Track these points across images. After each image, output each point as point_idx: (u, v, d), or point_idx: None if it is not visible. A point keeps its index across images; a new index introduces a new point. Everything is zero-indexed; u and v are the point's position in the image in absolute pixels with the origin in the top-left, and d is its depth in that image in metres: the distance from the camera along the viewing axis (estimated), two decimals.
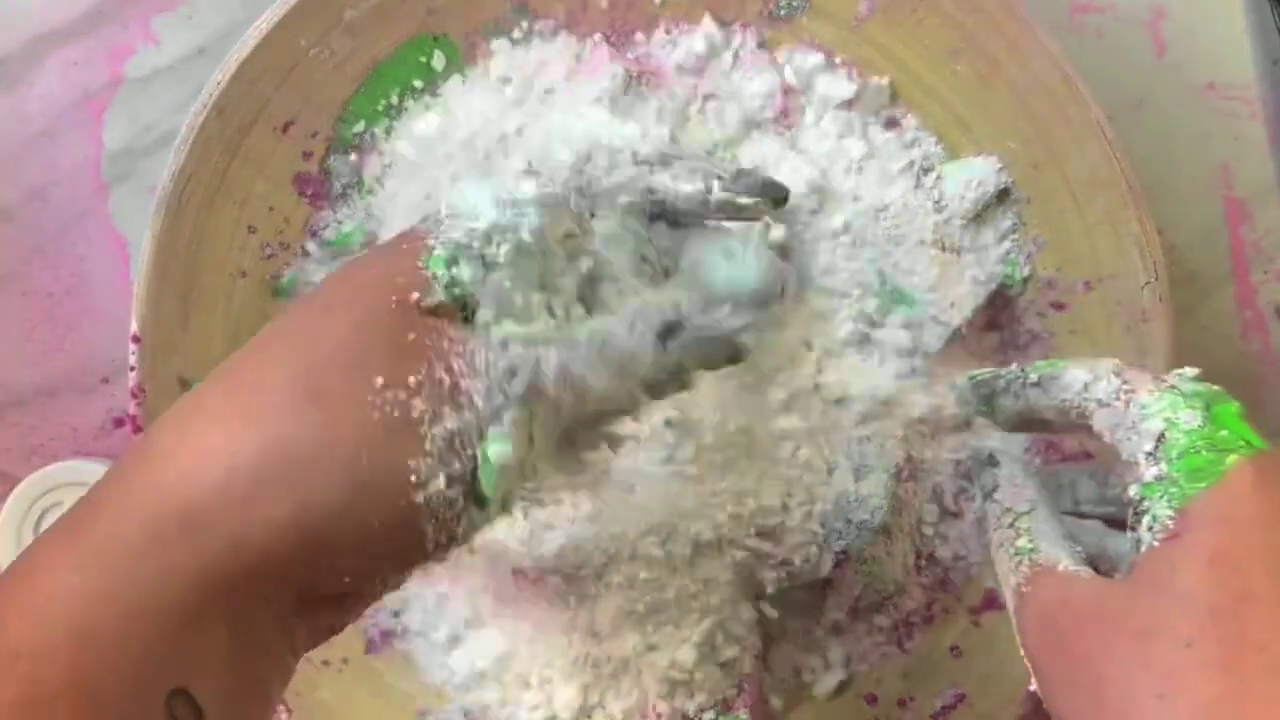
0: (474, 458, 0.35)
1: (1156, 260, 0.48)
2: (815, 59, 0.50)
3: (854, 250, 0.49)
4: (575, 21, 0.50)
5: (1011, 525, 0.40)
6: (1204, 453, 0.34)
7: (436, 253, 0.36)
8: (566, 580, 0.49)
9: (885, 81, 0.50)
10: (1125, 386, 0.38)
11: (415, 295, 0.34)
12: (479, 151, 0.49)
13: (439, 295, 0.35)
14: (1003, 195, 0.50)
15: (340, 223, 0.51)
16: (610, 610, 0.48)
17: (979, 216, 0.50)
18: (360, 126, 0.50)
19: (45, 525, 0.51)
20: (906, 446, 0.49)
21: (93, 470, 0.52)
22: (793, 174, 0.49)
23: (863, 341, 0.49)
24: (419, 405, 0.33)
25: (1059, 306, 0.51)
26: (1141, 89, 0.56)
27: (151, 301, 0.48)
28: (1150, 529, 0.35)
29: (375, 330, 0.34)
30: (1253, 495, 0.34)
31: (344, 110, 0.50)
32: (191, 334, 0.49)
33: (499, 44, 0.50)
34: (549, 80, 0.50)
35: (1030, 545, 0.39)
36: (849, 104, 0.50)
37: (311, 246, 0.50)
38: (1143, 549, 0.35)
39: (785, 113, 0.50)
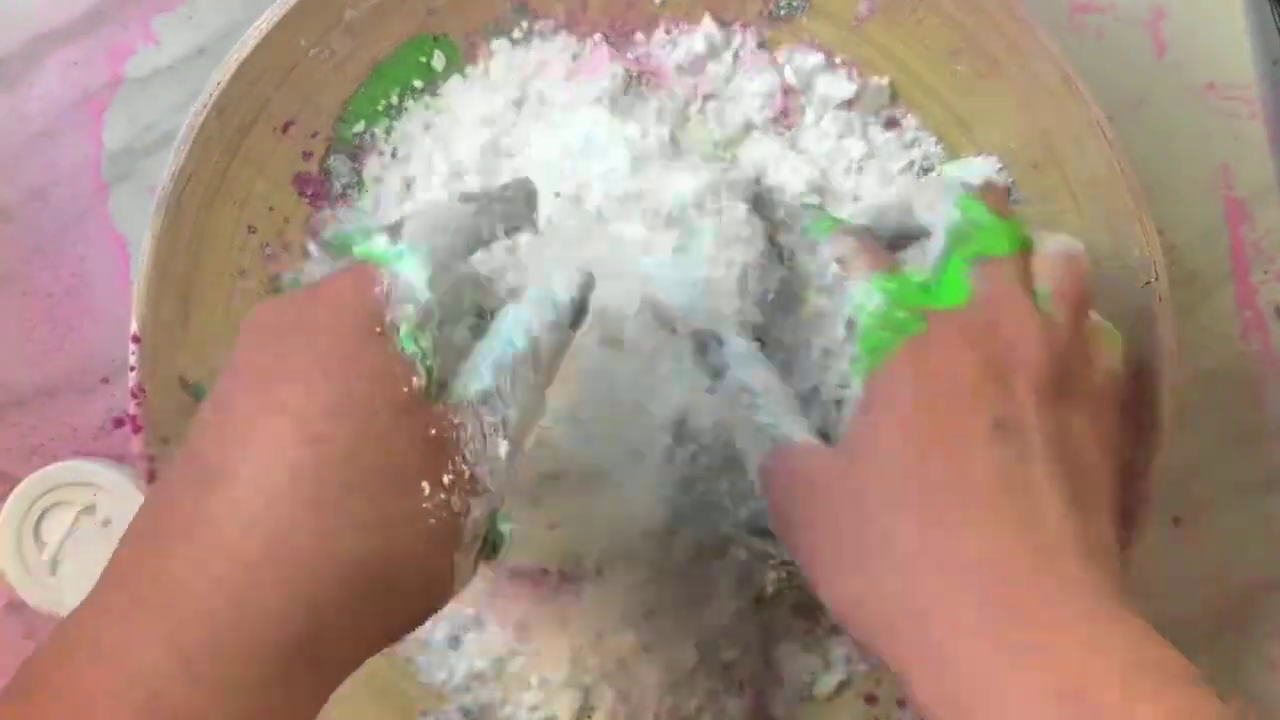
0: (487, 529, 0.38)
1: (1156, 260, 0.48)
2: (815, 59, 0.50)
3: None
4: (575, 21, 0.50)
5: (749, 404, 0.42)
6: (882, 332, 0.38)
7: (404, 332, 0.36)
8: (565, 579, 0.49)
9: (885, 81, 0.50)
10: (840, 274, 0.41)
11: (416, 381, 0.35)
12: (478, 152, 0.49)
13: (424, 377, 0.35)
14: None
15: (341, 223, 0.51)
16: (609, 610, 0.48)
17: None
18: (360, 126, 0.50)
19: (45, 525, 0.51)
20: None
21: (93, 470, 0.51)
22: (793, 174, 0.49)
23: None
24: (456, 503, 0.35)
25: None
26: (1141, 89, 0.56)
27: (151, 301, 0.48)
28: (850, 401, 0.39)
29: (410, 434, 0.35)
30: (918, 367, 0.37)
31: (344, 110, 0.50)
32: (191, 334, 0.49)
33: (499, 44, 0.50)
34: (549, 80, 0.50)
35: (771, 420, 0.41)
36: (849, 104, 0.50)
37: (311, 247, 0.50)
38: (846, 418, 0.39)
39: (785, 113, 0.50)
